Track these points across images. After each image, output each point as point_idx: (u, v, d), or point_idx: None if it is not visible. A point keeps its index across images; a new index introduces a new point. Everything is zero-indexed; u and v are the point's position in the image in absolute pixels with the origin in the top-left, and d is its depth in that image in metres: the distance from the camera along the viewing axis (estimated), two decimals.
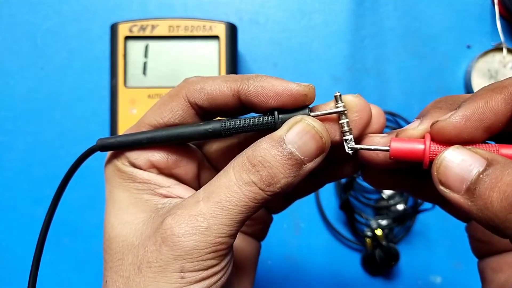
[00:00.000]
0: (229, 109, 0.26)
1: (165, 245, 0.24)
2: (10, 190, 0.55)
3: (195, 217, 0.24)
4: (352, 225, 0.54)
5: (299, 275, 0.54)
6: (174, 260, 0.23)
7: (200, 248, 0.23)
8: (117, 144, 0.27)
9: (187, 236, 0.23)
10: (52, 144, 0.55)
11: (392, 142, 0.25)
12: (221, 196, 0.24)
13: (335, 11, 0.58)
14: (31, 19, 0.57)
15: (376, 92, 0.56)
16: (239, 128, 0.26)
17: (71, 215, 0.54)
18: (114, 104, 0.50)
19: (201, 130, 0.26)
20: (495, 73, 0.55)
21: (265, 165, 0.23)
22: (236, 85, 0.25)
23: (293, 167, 0.24)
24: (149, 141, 0.26)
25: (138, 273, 0.24)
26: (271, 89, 0.25)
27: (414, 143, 0.25)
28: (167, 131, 0.26)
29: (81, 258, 0.54)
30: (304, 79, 0.57)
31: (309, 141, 0.24)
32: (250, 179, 0.24)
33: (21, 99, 0.56)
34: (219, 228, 0.23)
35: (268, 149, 0.24)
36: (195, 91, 0.26)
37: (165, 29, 0.50)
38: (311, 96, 0.25)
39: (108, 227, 0.27)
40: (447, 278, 0.54)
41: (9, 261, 0.54)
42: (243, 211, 0.24)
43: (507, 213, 0.20)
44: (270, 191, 0.24)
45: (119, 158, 0.27)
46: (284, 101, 0.25)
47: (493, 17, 0.57)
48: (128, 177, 0.27)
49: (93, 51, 0.56)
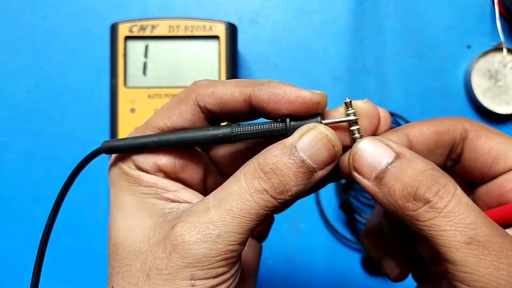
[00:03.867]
0: (239, 114, 0.26)
1: (176, 252, 0.23)
2: (10, 190, 0.55)
3: (206, 224, 0.23)
4: (352, 225, 0.54)
5: (299, 275, 0.54)
6: (185, 267, 0.23)
7: (211, 256, 0.23)
8: (123, 147, 0.26)
9: (198, 244, 0.23)
10: (52, 144, 0.55)
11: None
12: (233, 203, 0.23)
13: (335, 11, 0.58)
14: (31, 19, 0.57)
15: (376, 92, 0.56)
16: (249, 134, 0.25)
17: (73, 216, 0.54)
18: (114, 104, 0.50)
19: (211, 135, 0.26)
20: (495, 73, 0.55)
21: (276, 172, 0.23)
22: (247, 91, 0.25)
23: (304, 175, 0.24)
24: (157, 144, 0.26)
25: (147, 280, 0.24)
26: (283, 96, 0.25)
27: None
28: (176, 135, 0.26)
29: (81, 259, 0.54)
30: (304, 79, 0.57)
31: (321, 149, 0.24)
32: (262, 187, 0.23)
33: (21, 99, 0.56)
34: (230, 236, 0.23)
35: (279, 156, 0.23)
36: (205, 95, 0.26)
37: (165, 29, 0.50)
38: (323, 104, 0.25)
39: (114, 231, 0.26)
40: None
41: (9, 261, 0.54)
42: (254, 218, 0.23)
43: (405, 201, 0.23)
44: (281, 199, 0.24)
45: (125, 161, 0.27)
46: (297, 109, 0.25)
47: (493, 17, 0.57)
48: (135, 181, 0.27)
49: (93, 51, 0.56)
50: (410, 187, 0.23)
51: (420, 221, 0.22)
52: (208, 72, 0.51)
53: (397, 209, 0.23)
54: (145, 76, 0.51)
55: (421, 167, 0.23)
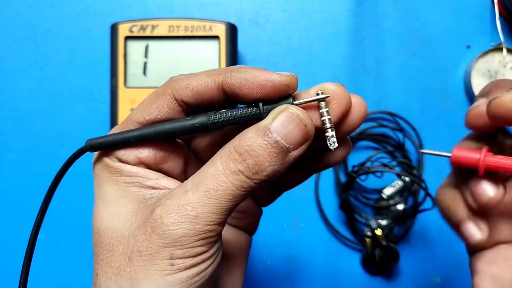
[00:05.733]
0: (215, 103, 0.27)
1: (155, 233, 0.24)
2: (10, 190, 0.55)
3: (184, 206, 0.24)
4: (352, 225, 0.54)
5: (299, 275, 0.54)
6: (164, 247, 0.24)
7: (189, 236, 0.24)
8: (106, 144, 0.27)
9: (176, 224, 0.24)
10: (52, 144, 0.55)
11: (454, 150, 0.30)
12: (209, 185, 0.24)
13: (335, 11, 0.58)
14: (31, 19, 0.57)
15: (376, 92, 0.57)
16: (225, 121, 0.26)
17: (65, 215, 0.54)
18: (114, 104, 0.50)
19: (188, 125, 0.26)
20: (495, 73, 0.55)
21: (251, 154, 0.24)
22: (219, 78, 0.26)
23: (278, 155, 0.24)
24: (138, 139, 0.27)
25: (128, 262, 0.25)
26: (253, 80, 0.25)
27: (471, 153, 0.29)
28: (155, 128, 0.27)
29: (73, 257, 0.54)
30: (304, 79, 0.57)
31: (294, 130, 0.24)
32: (237, 168, 0.24)
33: (21, 99, 0.56)
34: (207, 216, 0.24)
35: (254, 138, 0.24)
36: (180, 88, 0.26)
37: (165, 29, 0.50)
38: (293, 85, 0.25)
39: (97, 220, 0.27)
40: (447, 278, 0.54)
41: (9, 261, 0.54)
42: (231, 199, 0.24)
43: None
44: (256, 179, 0.24)
45: (107, 156, 0.28)
46: (268, 92, 0.25)
47: (493, 17, 0.57)
48: (116, 171, 0.27)
49: (93, 51, 0.56)
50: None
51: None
52: None
53: None
54: (145, 76, 0.51)
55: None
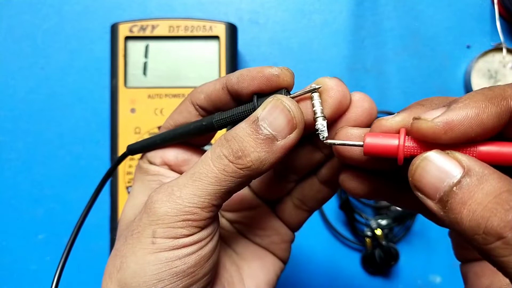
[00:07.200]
0: (224, 104, 0.28)
1: (145, 212, 0.26)
2: (10, 190, 0.55)
3: (171, 187, 0.25)
4: (352, 225, 0.54)
5: (299, 275, 0.54)
6: (149, 225, 0.25)
7: (171, 215, 0.25)
8: (139, 147, 0.32)
9: (160, 202, 0.25)
10: (52, 144, 0.55)
11: (367, 137, 0.24)
12: (196, 168, 0.25)
13: (335, 11, 0.58)
14: (31, 19, 0.57)
15: (376, 92, 0.57)
16: (228, 118, 0.27)
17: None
18: (114, 104, 0.50)
19: (197, 125, 0.28)
20: (495, 73, 0.55)
21: (236, 139, 0.25)
22: (223, 79, 0.28)
23: (264, 141, 0.24)
24: (162, 140, 0.30)
25: (124, 243, 0.26)
26: (247, 74, 0.26)
27: (389, 138, 0.24)
28: (173, 131, 0.30)
29: (82, 258, 0.54)
30: (304, 79, 0.57)
31: (278, 116, 0.24)
32: (222, 153, 0.25)
33: (21, 99, 0.56)
34: (190, 198, 0.25)
35: (243, 126, 0.25)
36: (196, 93, 0.29)
37: (165, 29, 0.50)
38: (283, 76, 0.26)
39: (123, 214, 0.30)
40: (447, 278, 0.54)
41: (9, 261, 0.54)
42: (213, 182, 0.25)
43: (474, 234, 0.19)
44: (239, 164, 0.24)
45: (142, 158, 0.32)
46: (260, 84, 0.26)
47: (493, 17, 0.57)
48: (145, 171, 0.31)
49: (93, 51, 0.56)
50: (479, 218, 0.19)
51: (492, 255, 0.19)
52: (208, 72, 0.51)
53: (467, 239, 0.20)
54: (145, 76, 0.51)
55: (494, 189, 0.19)
